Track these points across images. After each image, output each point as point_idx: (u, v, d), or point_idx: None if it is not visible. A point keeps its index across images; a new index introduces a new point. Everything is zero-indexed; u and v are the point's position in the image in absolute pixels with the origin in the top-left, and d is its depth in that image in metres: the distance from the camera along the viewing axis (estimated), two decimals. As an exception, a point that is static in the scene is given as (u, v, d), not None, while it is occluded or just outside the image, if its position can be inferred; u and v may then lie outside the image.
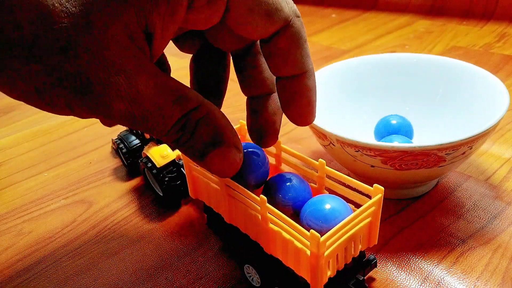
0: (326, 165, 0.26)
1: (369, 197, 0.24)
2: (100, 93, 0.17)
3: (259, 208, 0.23)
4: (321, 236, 0.20)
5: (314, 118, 0.23)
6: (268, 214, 0.23)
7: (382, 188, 0.23)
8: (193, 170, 0.30)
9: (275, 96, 0.25)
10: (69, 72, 0.16)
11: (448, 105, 0.38)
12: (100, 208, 0.39)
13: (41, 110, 0.19)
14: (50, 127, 0.56)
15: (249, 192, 0.24)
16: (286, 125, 0.49)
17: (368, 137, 0.31)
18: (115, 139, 0.43)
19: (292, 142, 0.45)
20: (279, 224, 0.23)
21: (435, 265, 0.29)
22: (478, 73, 0.36)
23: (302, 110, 0.22)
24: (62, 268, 0.33)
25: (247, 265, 0.28)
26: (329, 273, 0.22)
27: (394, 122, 0.36)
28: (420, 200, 0.34)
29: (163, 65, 0.24)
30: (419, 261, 0.29)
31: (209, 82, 0.26)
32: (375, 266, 0.27)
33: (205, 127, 0.19)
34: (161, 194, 0.37)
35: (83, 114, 0.18)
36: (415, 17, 0.79)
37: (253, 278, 0.28)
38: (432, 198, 0.34)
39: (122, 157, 0.43)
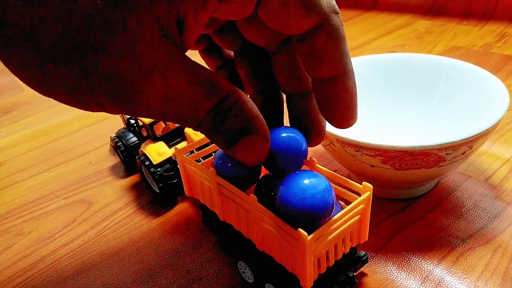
0: (326, 166, 0.26)
1: (359, 195, 0.24)
2: (133, 92, 0.17)
3: (250, 206, 0.24)
4: (308, 234, 0.20)
5: (356, 121, 0.21)
6: (259, 213, 0.23)
7: (371, 186, 0.23)
8: (187, 169, 0.30)
9: None
10: (102, 72, 0.16)
11: (448, 105, 0.38)
12: (100, 208, 0.39)
13: (41, 110, 0.18)
14: (50, 127, 0.56)
15: (240, 191, 0.24)
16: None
17: (368, 137, 0.31)
18: (113, 136, 0.44)
19: (292, 142, 0.45)
20: (269, 222, 0.23)
21: (435, 265, 0.29)
22: (478, 73, 0.36)
23: (342, 114, 0.21)
24: (62, 268, 0.33)
25: (241, 262, 0.28)
26: (319, 269, 0.23)
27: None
28: (420, 200, 0.34)
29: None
30: (419, 261, 0.29)
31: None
32: (366, 262, 0.27)
33: (234, 116, 0.19)
34: (158, 191, 0.37)
35: (115, 111, 0.18)
36: (415, 17, 0.79)
37: (246, 274, 0.28)
38: (432, 198, 0.34)
39: (120, 154, 0.43)
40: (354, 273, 0.27)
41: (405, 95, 0.40)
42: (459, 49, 0.63)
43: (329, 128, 0.30)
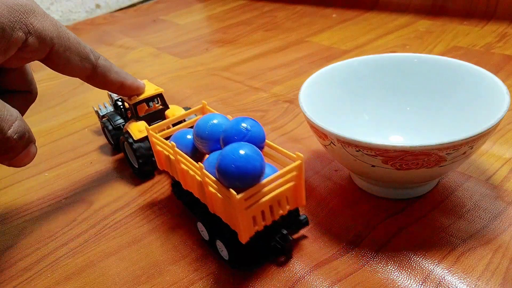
0: (327, 166, 0.27)
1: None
2: None
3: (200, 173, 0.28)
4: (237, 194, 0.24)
5: None
6: (206, 179, 0.27)
7: (302, 155, 0.27)
8: (156, 145, 0.34)
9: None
10: None
11: (449, 105, 0.38)
12: (100, 207, 0.39)
13: (41, 111, 0.21)
14: (51, 127, 0.56)
15: (191, 160, 0.29)
16: (286, 125, 0.49)
17: (369, 137, 0.31)
18: (103, 119, 0.47)
19: (292, 142, 0.45)
20: (213, 186, 0.27)
21: (436, 265, 0.28)
22: (479, 73, 0.36)
23: None
24: (62, 267, 0.33)
25: (199, 222, 0.32)
26: (257, 227, 0.27)
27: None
28: (420, 200, 0.34)
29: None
30: (419, 261, 0.29)
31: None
32: (307, 224, 0.31)
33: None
34: (136, 166, 0.41)
35: None
36: (416, 17, 0.79)
37: (203, 233, 0.32)
38: (433, 198, 0.34)
39: (108, 134, 0.47)
40: (293, 235, 0.31)
41: (405, 95, 0.40)
42: (459, 49, 0.63)
43: (330, 127, 0.30)
